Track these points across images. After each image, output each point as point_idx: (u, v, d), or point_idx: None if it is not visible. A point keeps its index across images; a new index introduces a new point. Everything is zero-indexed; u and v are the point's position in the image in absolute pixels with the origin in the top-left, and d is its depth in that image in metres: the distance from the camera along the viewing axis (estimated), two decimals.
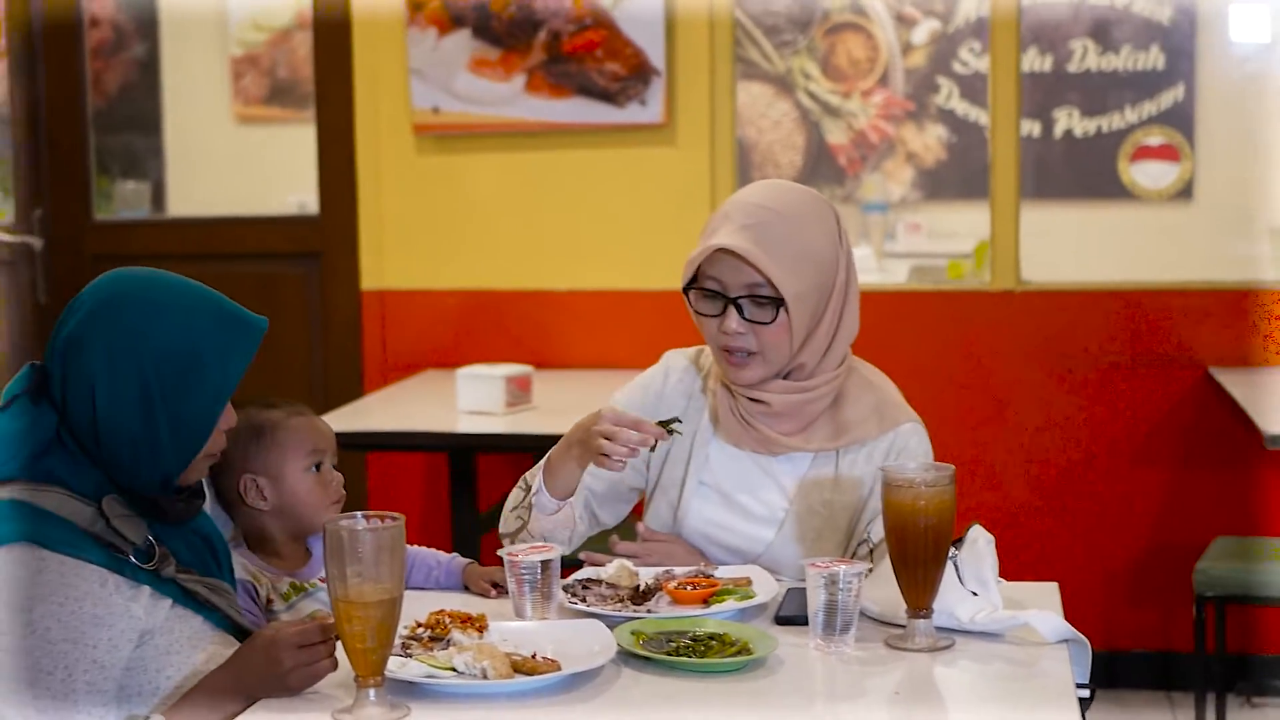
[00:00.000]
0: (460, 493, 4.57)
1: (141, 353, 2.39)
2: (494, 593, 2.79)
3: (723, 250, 2.78)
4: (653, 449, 2.80)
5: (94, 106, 5.92)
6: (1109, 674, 5.17)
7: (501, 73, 5.23)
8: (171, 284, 2.48)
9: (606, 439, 2.73)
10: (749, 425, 2.90)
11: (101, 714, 2.32)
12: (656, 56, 5.14)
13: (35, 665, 2.27)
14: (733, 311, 2.80)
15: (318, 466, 2.83)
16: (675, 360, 3.04)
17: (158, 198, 7.66)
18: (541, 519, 2.88)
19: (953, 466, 2.48)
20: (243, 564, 2.78)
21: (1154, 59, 7.62)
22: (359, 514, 2.24)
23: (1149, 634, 5.19)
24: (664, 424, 2.79)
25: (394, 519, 2.23)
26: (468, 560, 2.91)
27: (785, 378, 2.88)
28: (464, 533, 4.56)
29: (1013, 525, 5.16)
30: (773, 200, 2.82)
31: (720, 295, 2.81)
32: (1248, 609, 4.99)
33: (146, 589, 2.39)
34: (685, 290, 2.86)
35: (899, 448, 2.90)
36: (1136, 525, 5.16)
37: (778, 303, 2.77)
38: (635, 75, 5.16)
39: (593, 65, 5.18)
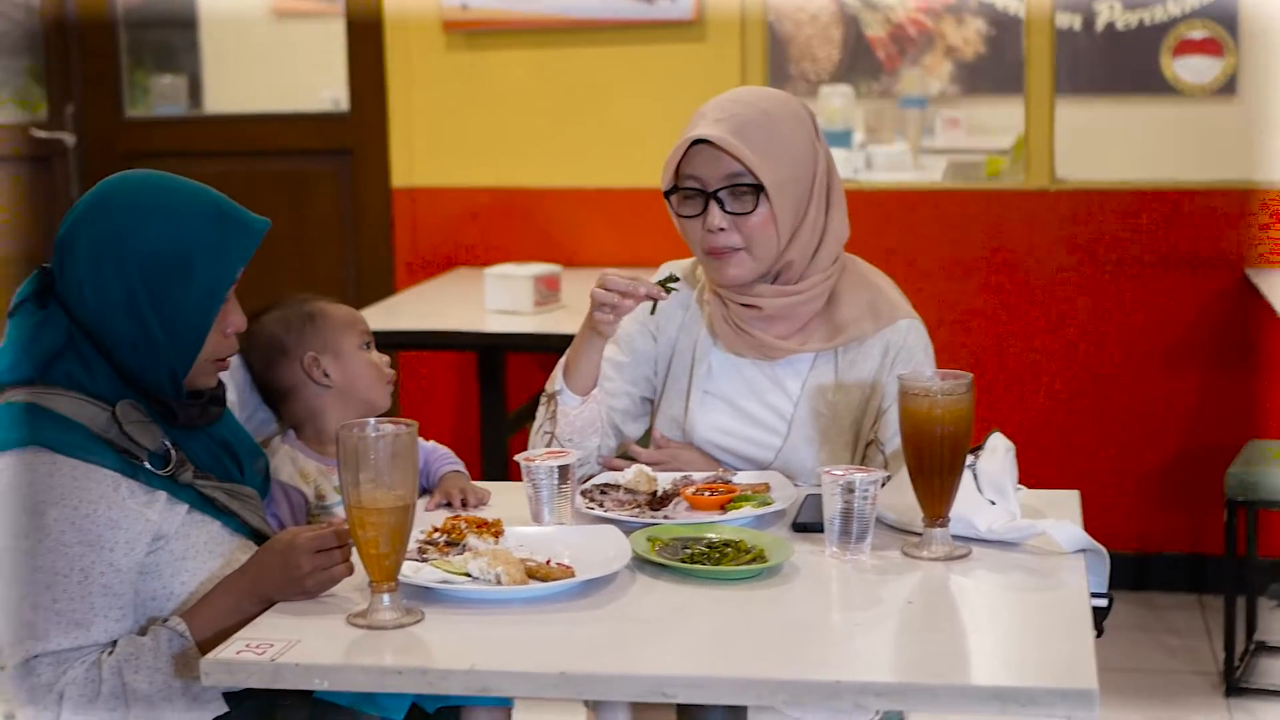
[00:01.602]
0: (488, 392, 4.57)
1: (125, 255, 2.40)
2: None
3: (699, 144, 2.78)
4: (653, 311, 2.85)
5: (131, 3, 5.89)
6: (1139, 576, 5.17)
7: None
8: (162, 185, 2.47)
9: (602, 293, 2.75)
10: (744, 332, 2.89)
11: (118, 615, 2.34)
12: None
13: (51, 568, 2.30)
14: (714, 206, 2.79)
15: (368, 346, 2.93)
16: (674, 269, 3.03)
17: (194, 92, 7.65)
18: (569, 415, 2.88)
19: (970, 375, 2.46)
20: (293, 459, 2.83)
21: None
22: (372, 420, 2.24)
23: (1180, 537, 5.18)
24: (661, 283, 2.79)
25: (407, 425, 2.23)
26: (451, 470, 2.89)
27: (774, 281, 2.87)
28: (492, 432, 4.56)
29: (1045, 427, 5.14)
30: (747, 97, 2.85)
31: (700, 192, 2.80)
32: (1278, 513, 4.97)
33: (162, 494, 2.40)
34: (666, 195, 2.85)
35: (897, 345, 2.88)
36: (1169, 428, 5.13)
37: (757, 190, 2.77)
38: None
39: None
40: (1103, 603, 2.44)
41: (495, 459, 4.51)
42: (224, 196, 2.50)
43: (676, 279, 2.86)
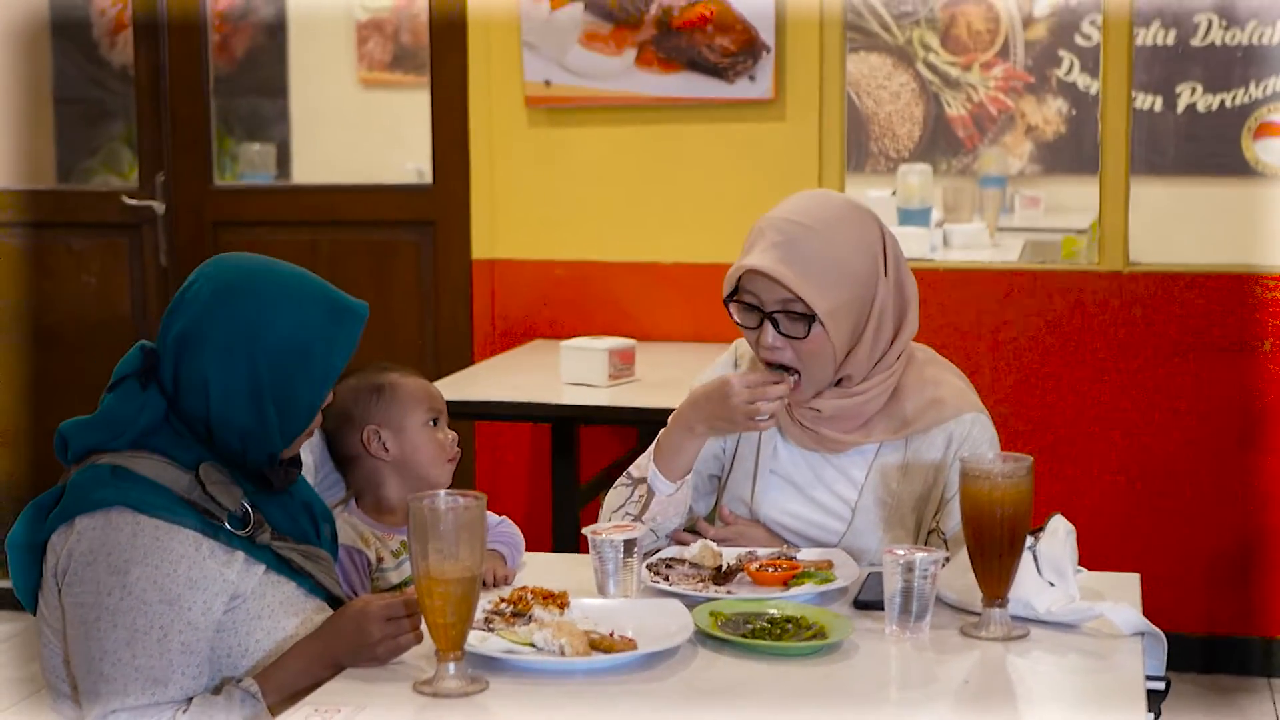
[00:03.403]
0: (561, 463, 4.62)
1: (254, 349, 2.48)
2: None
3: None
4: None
5: (222, 71, 6.02)
6: (1209, 659, 5.14)
7: (613, 47, 5.27)
8: (282, 276, 2.55)
9: (750, 403, 2.79)
10: (807, 428, 2.93)
11: (195, 673, 2.41)
12: (767, 32, 5.15)
13: (132, 626, 2.37)
14: (768, 325, 2.82)
15: (435, 422, 2.96)
16: (744, 349, 3.08)
17: (283, 160, 7.78)
18: (661, 501, 2.92)
19: (1030, 458, 2.50)
20: (352, 525, 2.89)
21: None
22: (441, 492, 2.30)
23: (1251, 620, 5.16)
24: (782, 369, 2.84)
25: (476, 498, 2.29)
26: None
27: (836, 384, 2.90)
28: (564, 502, 4.61)
29: (1114, 507, 5.14)
30: (805, 215, 2.83)
31: (757, 309, 2.84)
32: None
33: (240, 554, 2.48)
34: (726, 303, 2.89)
35: (961, 437, 2.89)
36: (1240, 510, 5.11)
37: (811, 318, 2.79)
38: (745, 50, 5.18)
39: (703, 40, 5.20)
40: (1160, 685, 2.47)
41: (567, 529, 4.56)
42: (326, 282, 2.59)
43: (795, 371, 2.87)
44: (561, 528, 4.56)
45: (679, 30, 5.21)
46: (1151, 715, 2.35)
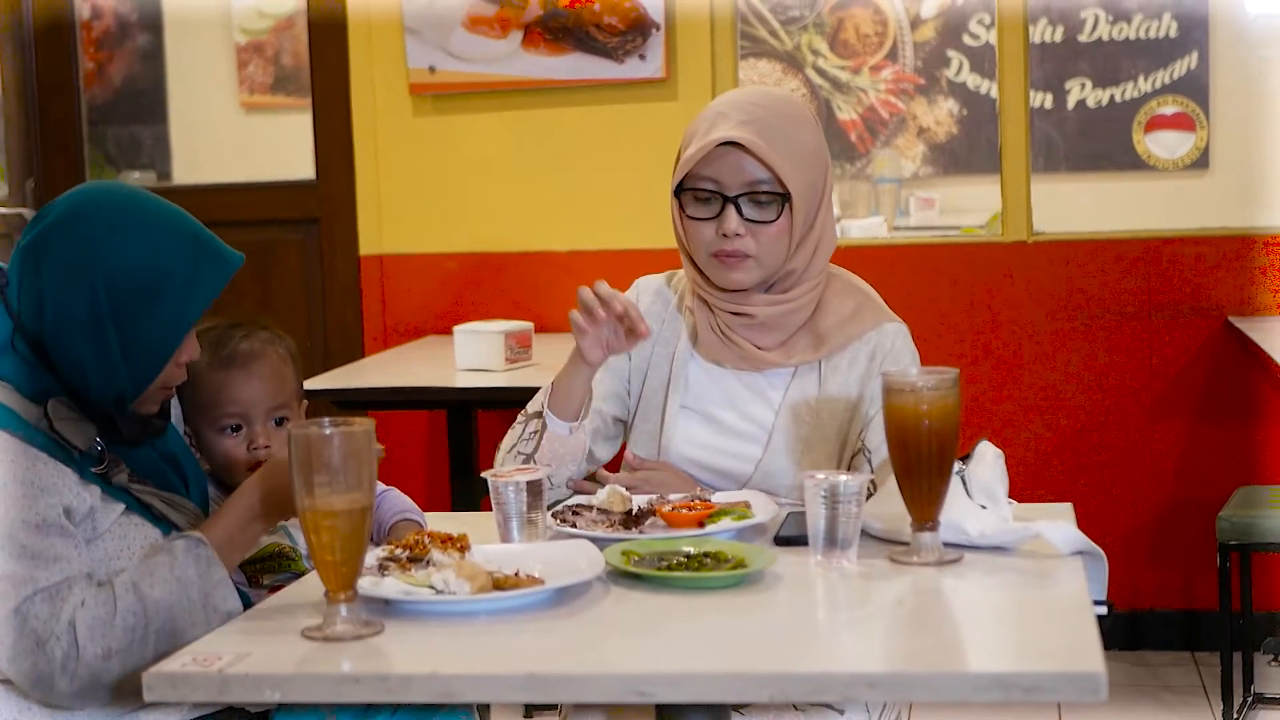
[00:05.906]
0: (459, 450, 4.45)
1: (95, 270, 2.30)
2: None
3: (724, 146, 2.68)
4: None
5: (99, 99, 5.84)
6: (1132, 634, 5.03)
7: (498, 30, 5.12)
8: (142, 204, 2.38)
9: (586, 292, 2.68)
10: (729, 341, 2.80)
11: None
12: (655, 9, 5.02)
13: (5, 519, 2.20)
14: (731, 210, 2.70)
15: (235, 428, 2.65)
16: (647, 283, 2.97)
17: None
18: (554, 442, 2.76)
19: (956, 370, 2.35)
20: (214, 500, 2.68)
21: (1166, 27, 7.48)
22: (326, 419, 2.11)
23: (1172, 593, 5.06)
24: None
25: (363, 423, 2.11)
26: (405, 519, 2.73)
27: (768, 290, 2.78)
28: (463, 492, 4.44)
29: (1030, 479, 5.03)
30: (766, 99, 2.76)
31: (717, 195, 2.70)
32: (1272, 559, 4.84)
33: (97, 489, 2.30)
34: (676, 193, 2.74)
35: (885, 349, 2.80)
36: (1157, 479, 5.02)
37: (780, 200, 2.68)
38: (634, 29, 5.04)
39: (590, 20, 5.05)
40: (1103, 610, 2.31)
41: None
42: (201, 225, 2.41)
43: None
44: None
45: (566, 10, 5.06)
46: None
